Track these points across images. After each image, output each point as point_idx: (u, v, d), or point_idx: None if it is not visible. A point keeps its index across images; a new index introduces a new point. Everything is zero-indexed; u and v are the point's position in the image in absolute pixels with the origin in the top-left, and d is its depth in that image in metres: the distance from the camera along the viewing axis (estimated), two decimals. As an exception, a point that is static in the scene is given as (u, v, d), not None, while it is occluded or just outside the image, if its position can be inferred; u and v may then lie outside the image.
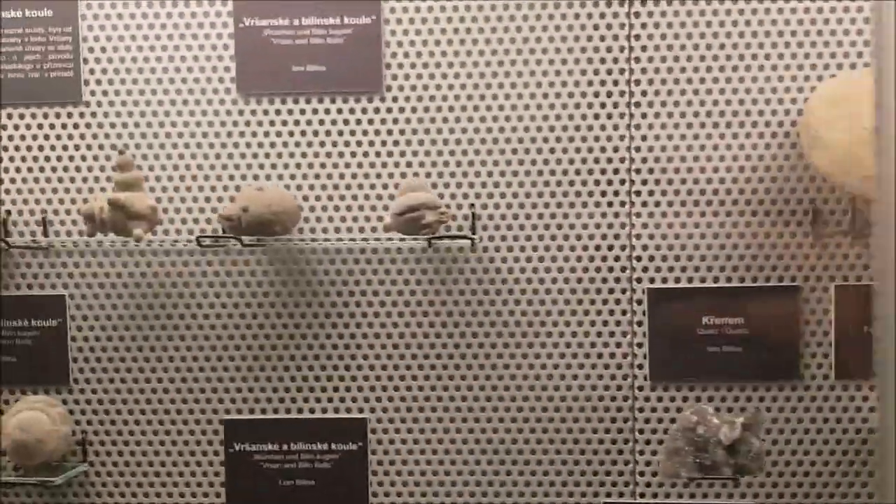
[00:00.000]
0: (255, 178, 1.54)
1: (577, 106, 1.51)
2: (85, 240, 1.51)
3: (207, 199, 1.55)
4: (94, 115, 1.55)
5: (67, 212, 1.56)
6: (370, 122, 1.53)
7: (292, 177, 1.54)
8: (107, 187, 1.55)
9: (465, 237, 1.42)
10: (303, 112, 1.54)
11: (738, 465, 1.33)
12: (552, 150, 1.51)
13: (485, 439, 1.54)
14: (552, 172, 1.51)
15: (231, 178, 1.55)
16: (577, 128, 1.51)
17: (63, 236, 1.55)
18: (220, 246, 1.50)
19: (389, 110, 1.53)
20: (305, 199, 1.53)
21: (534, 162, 1.52)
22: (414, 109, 1.53)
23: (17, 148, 1.56)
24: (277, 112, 1.54)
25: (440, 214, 1.42)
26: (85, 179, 1.56)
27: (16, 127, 1.56)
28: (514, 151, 1.52)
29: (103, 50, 1.54)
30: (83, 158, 1.56)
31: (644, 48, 1.50)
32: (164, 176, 1.53)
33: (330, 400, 1.56)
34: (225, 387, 1.56)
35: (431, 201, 1.41)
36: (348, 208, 1.54)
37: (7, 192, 1.55)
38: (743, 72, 1.49)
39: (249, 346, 1.56)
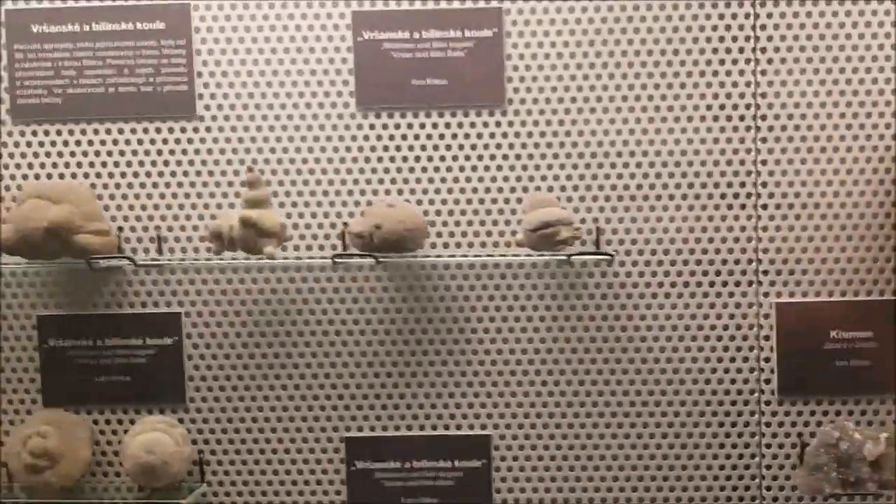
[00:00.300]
0: (375, 193, 1.52)
1: (703, 118, 1.49)
2: (204, 256, 1.48)
3: (326, 215, 1.52)
4: (208, 129, 1.52)
5: (182, 228, 1.53)
6: (492, 135, 1.51)
7: (412, 191, 1.52)
8: (222, 203, 1.52)
9: (604, 254, 1.41)
10: (422, 126, 1.51)
11: (882, 481, 1.33)
12: (677, 164, 1.50)
13: (610, 455, 1.53)
14: (677, 185, 1.50)
15: (350, 193, 1.52)
16: (703, 140, 1.49)
17: (178, 253, 1.52)
18: (344, 262, 1.47)
19: (511, 123, 1.51)
20: (426, 213, 1.50)
21: (658, 175, 1.50)
22: (536, 122, 1.50)
23: (128, 163, 1.53)
24: (397, 126, 1.51)
25: (574, 230, 1.40)
26: (199, 195, 1.52)
27: (127, 142, 1.52)
28: (639, 165, 1.50)
29: (217, 63, 1.51)
30: (197, 174, 1.53)
31: (770, 61, 1.48)
32: (282, 191, 1.51)
33: (452, 417, 1.54)
34: (345, 404, 1.54)
35: (566, 217, 1.40)
36: (469, 223, 1.52)
37: (119, 207, 1.52)
38: (870, 84, 1.47)
39: (370, 363, 1.54)
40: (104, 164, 1.52)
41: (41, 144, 1.52)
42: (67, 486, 1.47)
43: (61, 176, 1.52)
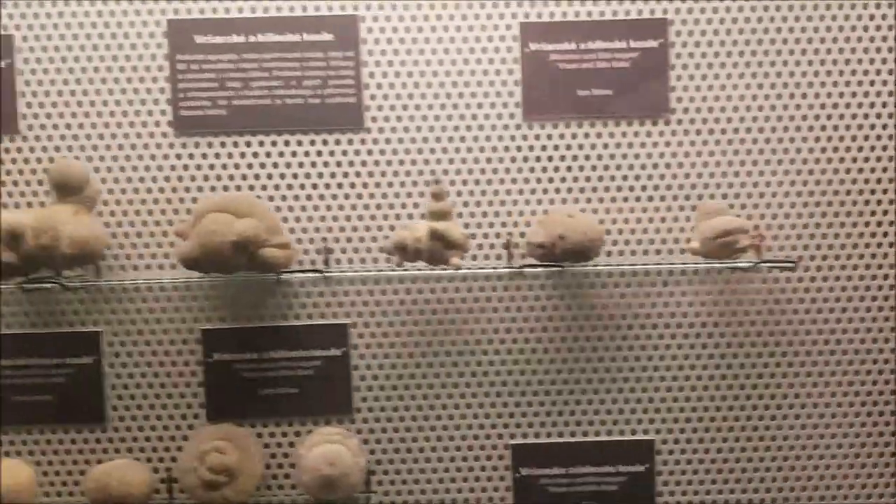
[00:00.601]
0: (539, 202, 1.54)
1: (860, 127, 1.52)
2: (374, 267, 1.49)
3: (491, 225, 1.53)
4: (375, 141, 1.52)
5: (349, 239, 1.53)
6: (654, 144, 1.53)
7: (575, 200, 1.54)
8: (388, 214, 1.52)
9: (786, 262, 1.44)
10: (587, 136, 1.53)
11: None
12: (835, 171, 1.53)
13: (775, 467, 1.57)
14: (847, 192, 1.53)
15: (514, 203, 1.54)
16: (872, 147, 1.52)
17: (344, 264, 1.52)
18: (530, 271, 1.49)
19: (674, 133, 1.53)
20: (591, 222, 1.52)
21: (818, 182, 1.53)
22: (699, 132, 1.53)
23: (294, 175, 1.52)
24: (561, 136, 1.53)
25: (752, 238, 1.43)
26: (366, 207, 1.53)
27: (293, 154, 1.52)
28: (799, 172, 1.53)
29: (384, 75, 1.51)
30: (364, 185, 1.53)
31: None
32: (449, 202, 1.50)
33: (616, 422, 1.56)
34: (511, 411, 1.56)
35: (744, 225, 1.42)
36: (632, 231, 1.54)
37: (285, 220, 1.51)
38: None
39: (535, 370, 1.56)
40: (269, 177, 1.52)
41: (204, 157, 1.51)
42: (243, 502, 1.46)
43: (225, 188, 1.52)
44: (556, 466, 1.56)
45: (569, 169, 1.53)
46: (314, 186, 1.52)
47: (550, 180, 1.53)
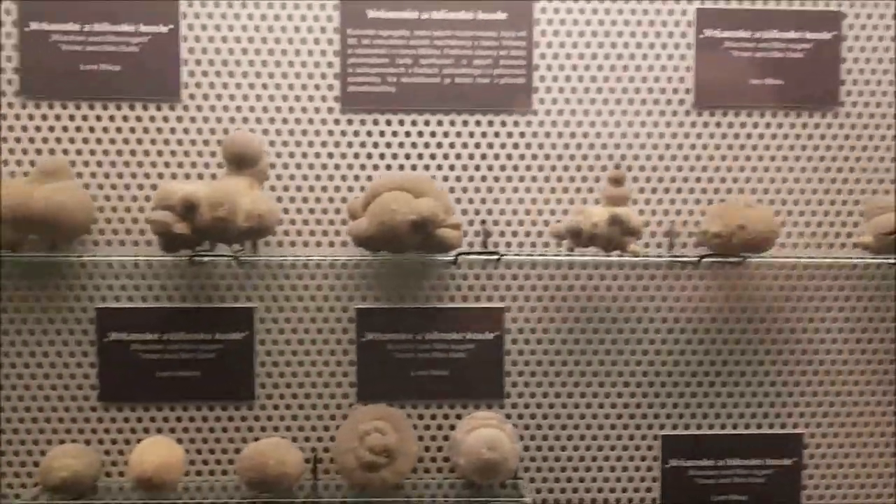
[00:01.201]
0: (703, 192, 1.51)
1: None
2: (532, 251, 1.47)
3: (653, 213, 1.51)
4: (541, 123, 1.50)
5: (507, 223, 1.51)
6: (822, 137, 1.52)
7: (740, 190, 1.52)
8: (550, 199, 1.50)
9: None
10: (755, 125, 1.51)
11: None
12: None
13: (923, 455, 1.56)
14: None
15: (679, 191, 1.52)
16: None
17: (502, 247, 1.50)
18: (679, 261, 1.47)
19: (842, 126, 1.51)
20: (752, 214, 1.50)
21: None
22: (866, 126, 1.51)
23: (457, 156, 1.50)
24: (730, 125, 1.51)
25: (926, 236, 1.41)
26: (528, 189, 1.51)
27: (458, 134, 1.49)
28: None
29: (555, 56, 1.49)
30: (527, 168, 1.51)
31: None
32: (627, 188, 1.47)
33: (766, 415, 1.56)
34: (662, 402, 1.55)
35: (920, 223, 1.41)
36: (794, 224, 1.52)
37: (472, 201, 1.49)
38: None
39: (689, 361, 1.54)
40: (433, 157, 1.49)
41: (369, 134, 1.48)
42: (398, 483, 1.44)
43: (388, 167, 1.49)
44: (704, 458, 1.55)
45: (735, 158, 1.51)
46: (477, 168, 1.50)
47: (717, 168, 1.51)
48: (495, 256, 1.40)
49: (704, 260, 1.42)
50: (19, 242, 1.38)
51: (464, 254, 1.39)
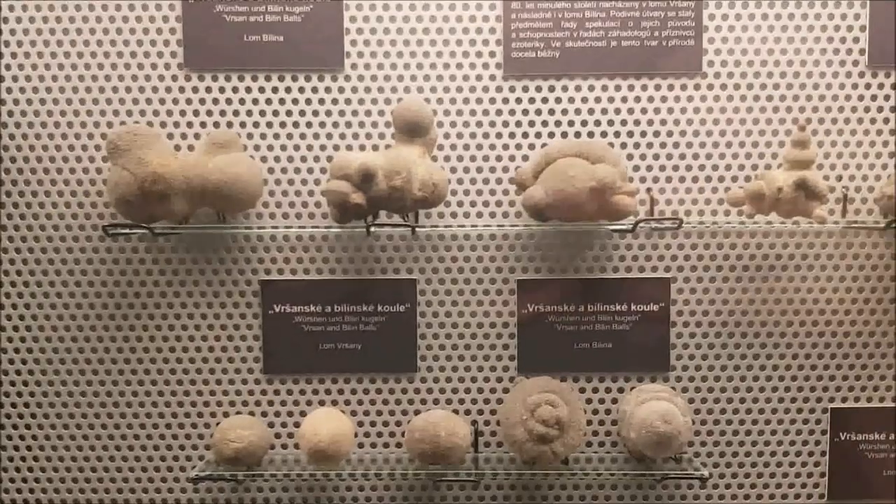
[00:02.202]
0: (877, 156, 1.45)
1: None
2: (696, 220, 1.43)
3: (839, 178, 1.46)
4: (710, 87, 1.45)
5: (674, 190, 1.46)
6: None
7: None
8: (718, 165, 1.46)
9: None
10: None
11: None
12: None
13: None
14: None
15: (853, 156, 1.46)
16: None
17: (669, 216, 1.46)
18: (862, 228, 1.42)
19: None
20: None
21: None
22: None
23: (623, 122, 1.47)
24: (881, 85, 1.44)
25: None
26: (695, 156, 1.46)
27: (623, 99, 1.45)
28: None
29: (724, 17, 1.44)
30: (696, 134, 1.46)
31: None
32: (813, 150, 1.41)
33: (941, 388, 1.50)
34: (831, 374, 1.50)
35: None
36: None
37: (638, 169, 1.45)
38: None
39: (859, 333, 1.49)
40: (598, 123, 1.46)
41: (532, 101, 1.45)
42: (568, 455, 1.42)
43: (551, 135, 1.46)
44: (875, 432, 1.50)
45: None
46: (643, 134, 1.46)
47: (892, 132, 1.45)
48: (675, 224, 1.36)
49: (881, 227, 1.36)
50: (189, 215, 1.38)
51: (643, 221, 1.35)
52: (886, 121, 1.45)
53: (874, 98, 1.45)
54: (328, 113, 1.45)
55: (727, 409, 1.51)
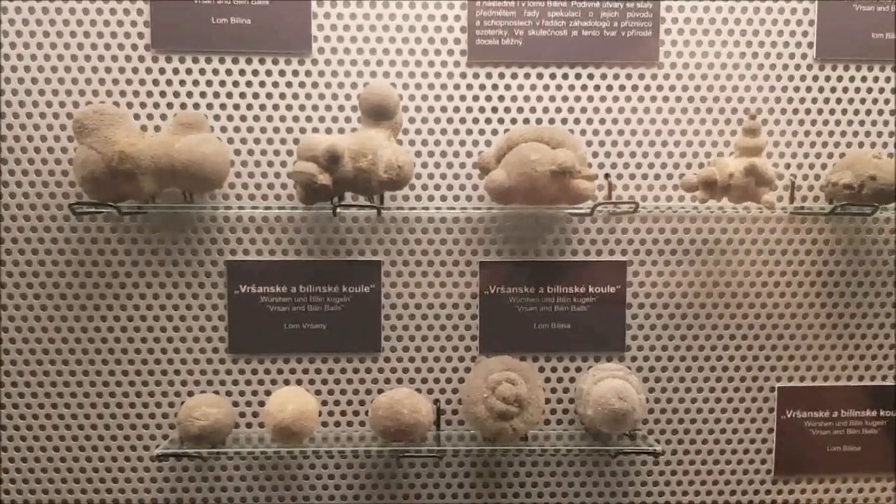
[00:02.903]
0: (825, 145, 1.53)
1: None
2: (652, 205, 1.48)
3: (787, 166, 1.52)
4: (666, 77, 1.50)
5: (632, 176, 1.52)
6: (942, 91, 1.52)
7: (859, 144, 1.53)
8: (674, 152, 1.51)
9: None
10: (875, 80, 1.52)
11: None
12: None
13: None
14: None
15: (800, 144, 1.52)
16: None
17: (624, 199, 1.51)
18: (809, 214, 1.49)
19: (962, 80, 1.52)
20: (872, 167, 1.51)
21: None
22: None
23: (583, 109, 1.51)
24: (852, 79, 1.51)
25: None
26: (651, 143, 1.51)
27: (583, 87, 1.50)
28: None
29: (681, 9, 1.50)
30: (652, 122, 1.52)
31: None
32: (762, 138, 1.47)
33: (879, 368, 1.58)
34: (778, 354, 1.57)
35: None
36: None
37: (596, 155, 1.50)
38: None
39: (805, 315, 1.56)
40: (558, 110, 1.50)
41: (495, 87, 1.49)
42: (527, 432, 1.47)
43: (513, 121, 1.50)
44: (819, 410, 1.57)
45: (856, 112, 1.51)
46: (602, 121, 1.50)
47: (837, 122, 1.52)
48: (631, 208, 1.41)
49: (826, 212, 1.43)
50: (156, 194, 1.39)
51: (601, 205, 1.40)
52: (832, 112, 1.52)
53: (821, 90, 1.51)
54: (295, 96, 1.47)
55: (680, 387, 1.56)
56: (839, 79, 1.51)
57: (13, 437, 1.50)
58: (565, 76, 1.49)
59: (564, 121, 1.50)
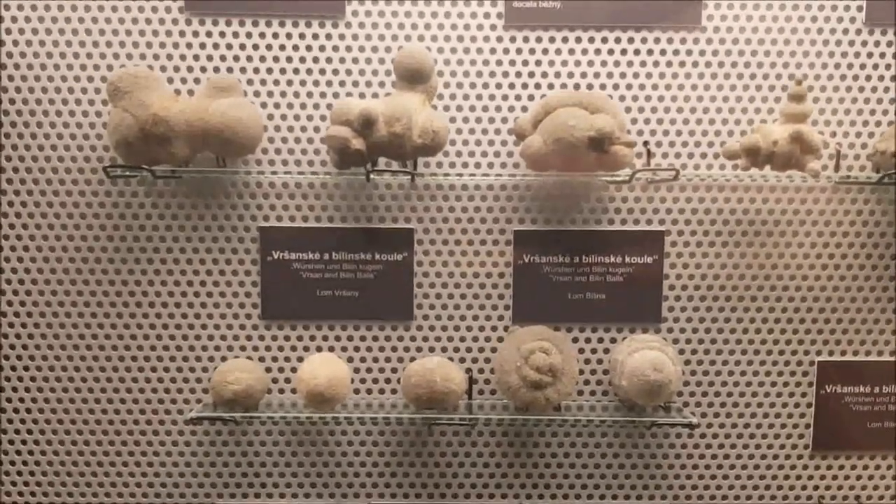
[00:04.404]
0: (873, 113, 1.47)
1: None
2: (694, 174, 1.44)
3: (833, 134, 1.48)
4: (709, 41, 1.46)
5: (671, 143, 1.48)
6: None
7: (907, 113, 1.47)
8: (715, 119, 1.47)
9: None
10: (928, 44, 1.46)
11: None
12: None
13: None
14: None
15: (847, 112, 1.47)
16: None
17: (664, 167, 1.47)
18: (855, 183, 1.44)
19: None
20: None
21: None
22: None
23: (622, 74, 1.47)
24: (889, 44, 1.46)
25: None
26: (693, 110, 1.47)
27: (623, 51, 1.46)
28: None
29: (726, -29, 1.44)
30: (693, 87, 1.48)
31: None
32: (809, 104, 1.42)
33: (926, 342, 1.53)
34: (819, 328, 1.53)
35: None
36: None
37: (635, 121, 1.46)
38: None
39: (848, 287, 1.52)
40: (597, 75, 1.47)
41: (532, 52, 1.46)
42: (561, 402, 1.45)
43: (550, 86, 1.48)
44: (860, 385, 1.54)
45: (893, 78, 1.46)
46: (641, 87, 1.47)
47: (886, 90, 1.47)
48: (671, 175, 1.38)
49: (873, 182, 1.39)
50: (189, 159, 1.38)
51: (639, 172, 1.37)
52: (881, 78, 1.47)
53: (870, 55, 1.46)
54: (329, 60, 1.45)
55: (717, 359, 1.54)
56: (889, 44, 1.46)
57: (49, 398, 1.51)
58: (604, 40, 1.45)
59: (603, 86, 1.46)
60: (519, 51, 1.45)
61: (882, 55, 1.46)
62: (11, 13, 1.41)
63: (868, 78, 1.47)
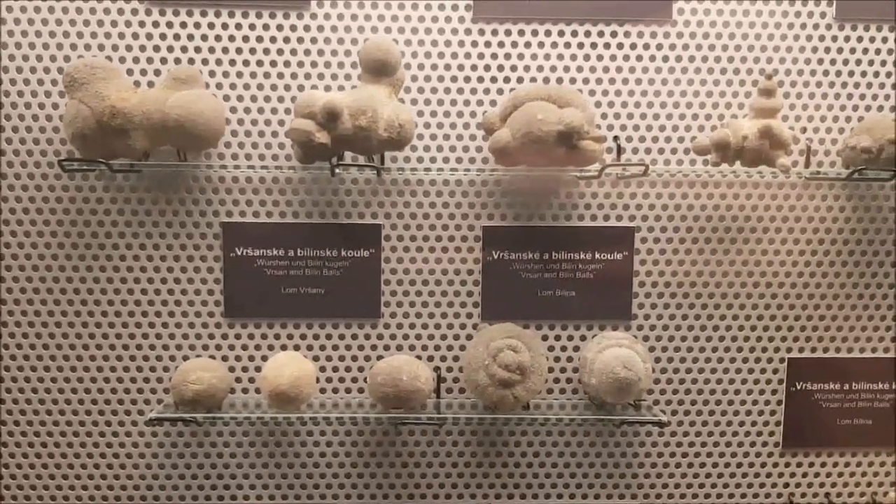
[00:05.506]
0: (843, 108, 1.47)
1: None
2: (662, 169, 1.43)
3: (804, 130, 1.47)
4: (679, 35, 1.45)
5: (641, 138, 1.47)
6: (966, 53, 1.46)
7: (878, 108, 1.47)
8: (685, 113, 1.46)
9: None
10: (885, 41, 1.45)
11: None
12: None
13: None
14: None
15: (817, 108, 1.47)
16: None
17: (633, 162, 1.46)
18: (825, 179, 1.43)
19: None
20: (891, 132, 1.46)
21: None
22: None
23: (592, 68, 1.45)
24: (872, 40, 1.45)
25: None
26: (664, 104, 1.46)
27: (593, 45, 1.45)
28: None
29: (696, -36, 1.43)
30: (664, 82, 1.47)
31: None
32: (778, 100, 1.41)
33: (894, 339, 1.53)
34: (789, 325, 1.52)
35: None
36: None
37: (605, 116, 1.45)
38: None
39: (818, 284, 1.51)
40: (566, 69, 1.45)
41: (500, 45, 1.44)
42: (530, 400, 1.43)
43: (520, 80, 1.44)
44: (829, 382, 1.53)
45: (875, 75, 1.46)
46: (612, 81, 1.45)
47: (856, 85, 1.46)
48: (641, 170, 1.36)
49: (843, 178, 1.38)
50: (148, 152, 1.35)
51: (609, 167, 1.35)
52: (851, 74, 1.46)
53: (840, 51, 1.46)
54: (293, 51, 1.42)
55: (687, 357, 1.52)
56: (859, 39, 1.45)
57: (5, 399, 1.47)
58: (574, 34, 1.43)
59: (573, 80, 1.44)
60: (487, 44, 1.43)
61: (852, 51, 1.45)
62: (-38, 1, 1.37)
63: (838, 73, 1.46)
